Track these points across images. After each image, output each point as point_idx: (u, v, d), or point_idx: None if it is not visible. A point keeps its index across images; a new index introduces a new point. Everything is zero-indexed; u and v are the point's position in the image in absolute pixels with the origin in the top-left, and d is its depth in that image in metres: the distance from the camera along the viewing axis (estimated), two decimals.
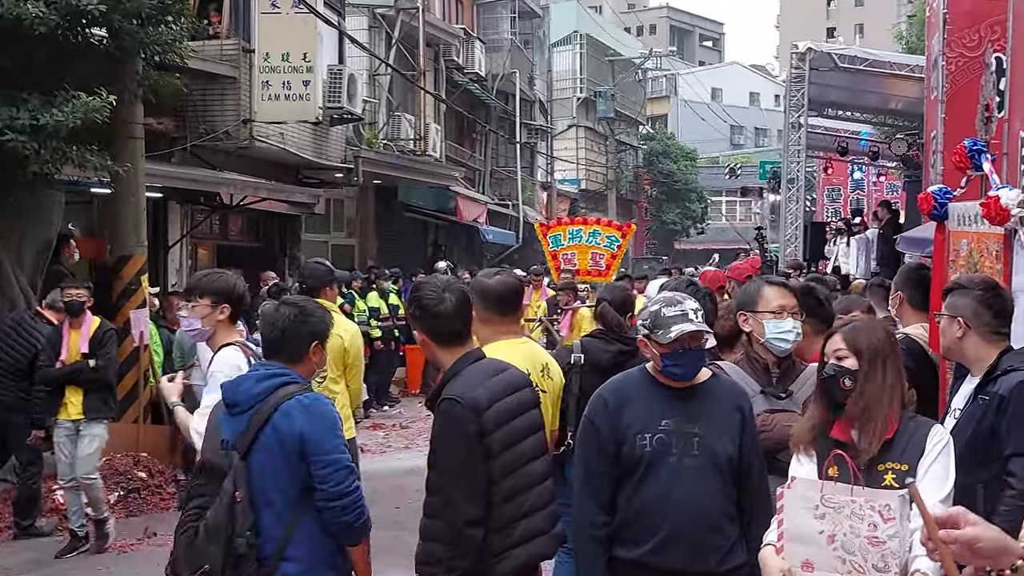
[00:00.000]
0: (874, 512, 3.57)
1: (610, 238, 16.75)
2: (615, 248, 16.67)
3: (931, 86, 12.62)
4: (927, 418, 4.21)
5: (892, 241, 15.84)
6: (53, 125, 9.76)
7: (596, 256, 16.54)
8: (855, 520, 3.58)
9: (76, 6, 9.88)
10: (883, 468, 3.92)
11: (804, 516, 3.65)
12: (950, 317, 4.73)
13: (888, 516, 3.56)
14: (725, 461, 4.40)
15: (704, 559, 4.36)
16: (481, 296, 5.21)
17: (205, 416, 4.98)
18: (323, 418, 4.54)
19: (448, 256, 29.64)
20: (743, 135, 74.22)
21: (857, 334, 4.11)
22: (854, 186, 34.79)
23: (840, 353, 4.07)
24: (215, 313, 5.64)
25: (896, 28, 37.53)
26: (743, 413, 4.52)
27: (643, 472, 4.42)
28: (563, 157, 47.70)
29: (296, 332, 4.68)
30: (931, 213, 6.42)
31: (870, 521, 3.56)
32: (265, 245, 21.02)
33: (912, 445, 3.95)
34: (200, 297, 5.67)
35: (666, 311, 4.43)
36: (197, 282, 5.86)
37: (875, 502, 3.59)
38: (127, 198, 12.46)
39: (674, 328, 4.36)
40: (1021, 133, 6.24)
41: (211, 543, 4.31)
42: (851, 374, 4.02)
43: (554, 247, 16.93)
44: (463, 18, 35.61)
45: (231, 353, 5.52)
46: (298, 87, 16.58)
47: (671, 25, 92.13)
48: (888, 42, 36.79)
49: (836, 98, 25.84)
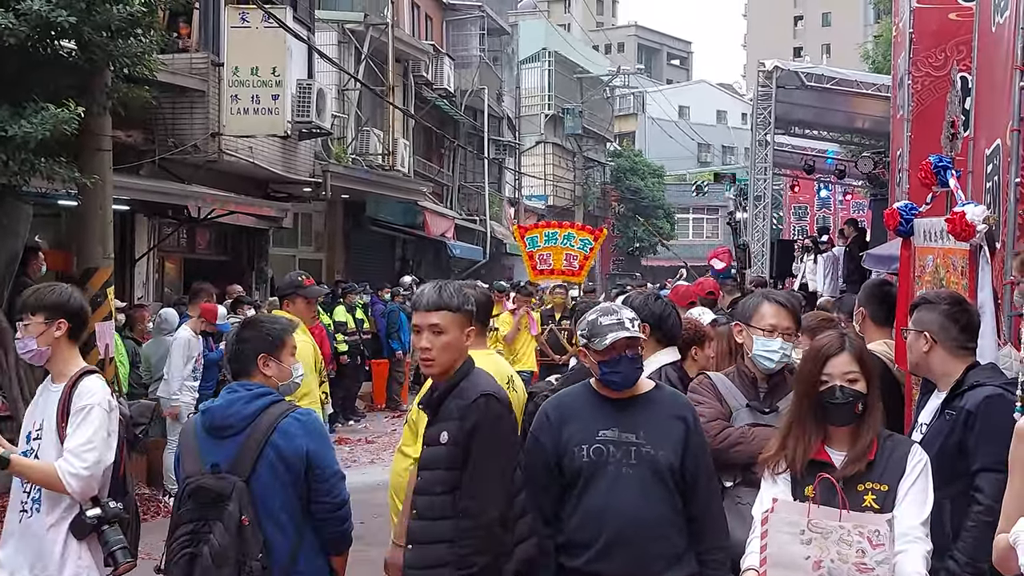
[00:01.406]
0: (863, 538, 3.54)
1: (583, 241, 17.80)
2: (587, 250, 17.71)
3: (897, 105, 12.76)
4: (903, 436, 4.19)
5: (858, 258, 15.96)
6: (22, 136, 9.69)
7: (570, 257, 17.57)
8: (842, 546, 3.55)
9: (46, 18, 9.82)
10: (863, 488, 3.89)
11: (789, 541, 3.62)
12: (917, 332, 4.76)
13: (877, 542, 3.53)
14: (667, 470, 4.43)
15: (647, 567, 4.39)
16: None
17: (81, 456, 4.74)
18: (320, 432, 4.62)
19: (415, 271, 29.64)
20: (710, 153, 74.51)
21: (863, 353, 4.04)
22: (820, 204, 35.00)
23: (852, 376, 3.96)
24: (51, 330, 5.02)
25: (863, 48, 37.81)
26: (687, 423, 4.54)
27: (583, 483, 4.51)
28: (531, 173, 47.80)
29: (240, 350, 4.70)
30: (897, 229, 6.48)
31: (858, 547, 3.54)
32: (233, 259, 20.94)
33: (892, 464, 3.91)
34: (32, 314, 5.03)
35: (603, 320, 4.52)
36: (27, 298, 5.15)
37: (864, 528, 3.56)
38: (94, 210, 12.39)
39: (609, 335, 4.44)
40: (986, 151, 6.32)
41: (221, 568, 4.29)
42: (864, 399, 3.95)
43: (530, 248, 17.92)
44: (432, 34, 35.67)
45: (96, 382, 5.02)
46: (267, 101, 16.55)
47: (639, 43, 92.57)
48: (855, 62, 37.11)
49: (803, 116, 25.98)
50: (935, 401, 4.78)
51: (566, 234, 18.10)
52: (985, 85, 6.85)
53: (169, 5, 12.78)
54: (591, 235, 18.36)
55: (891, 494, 3.83)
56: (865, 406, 3.93)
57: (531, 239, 18.16)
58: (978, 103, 7.06)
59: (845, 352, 3.99)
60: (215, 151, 16.54)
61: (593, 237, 18.29)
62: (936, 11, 11.08)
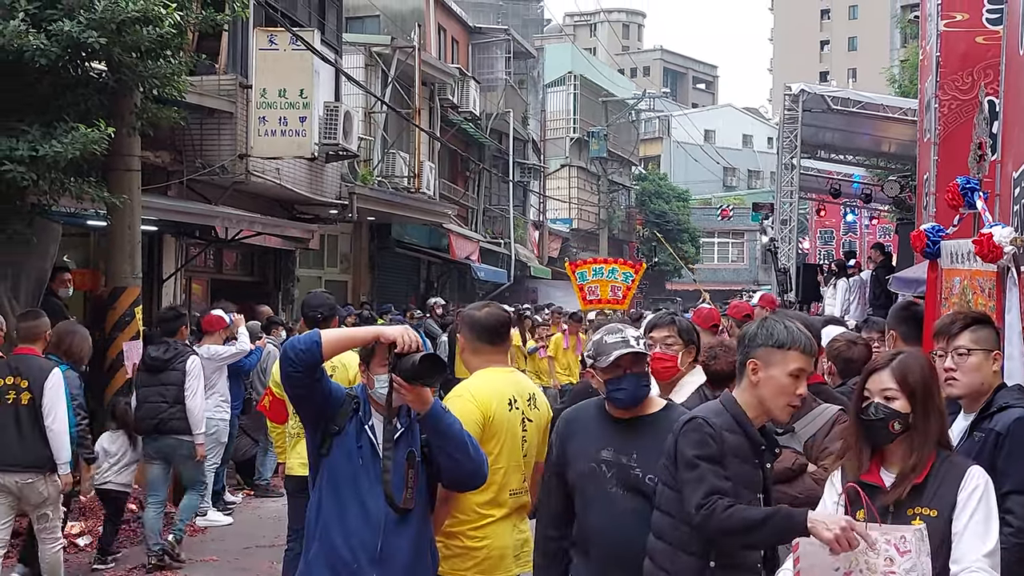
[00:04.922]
0: (889, 546, 3.49)
1: (625, 274, 20.32)
2: (629, 282, 20.15)
3: (924, 128, 12.74)
4: (963, 458, 3.96)
5: (885, 282, 15.92)
6: (52, 156, 9.78)
7: (615, 288, 19.99)
8: (871, 555, 3.50)
9: (77, 39, 9.93)
10: (912, 513, 3.74)
11: (819, 554, 3.57)
12: (986, 352, 4.64)
13: (904, 549, 3.48)
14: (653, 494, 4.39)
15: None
16: (471, 327, 5.38)
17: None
18: None
19: (440, 293, 29.66)
20: (736, 177, 74.45)
21: (907, 370, 3.85)
22: (847, 229, 34.93)
23: (889, 393, 3.82)
24: None
25: (888, 71, 37.73)
26: None
27: (579, 498, 4.65)
28: (556, 196, 47.87)
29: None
30: (924, 251, 6.47)
31: (886, 555, 3.49)
32: (259, 280, 21.02)
33: (944, 489, 3.74)
34: None
35: (608, 339, 4.59)
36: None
37: (890, 535, 3.51)
38: (123, 230, 12.49)
39: (614, 353, 4.51)
40: (1014, 174, 6.30)
41: None
42: (901, 417, 3.80)
43: (580, 281, 20.39)
44: (459, 58, 35.80)
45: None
46: (294, 123, 16.60)
47: (665, 67, 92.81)
48: (881, 87, 37.02)
49: (829, 140, 25.95)
50: (961, 423, 4.70)
51: (611, 268, 20.45)
52: (1013, 108, 6.82)
53: (198, 27, 12.85)
54: (632, 269, 20.66)
55: (940, 520, 3.69)
56: (908, 426, 3.79)
57: (581, 274, 20.53)
58: (1006, 126, 7.02)
59: (887, 370, 3.87)
60: (242, 172, 16.60)
61: (634, 271, 20.55)
62: (964, 35, 11.07)
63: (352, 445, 4.47)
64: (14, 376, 8.30)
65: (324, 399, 4.46)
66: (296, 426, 7.72)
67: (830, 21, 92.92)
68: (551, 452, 4.85)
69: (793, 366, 4.08)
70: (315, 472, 4.55)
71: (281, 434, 8.31)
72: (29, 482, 8.21)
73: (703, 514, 3.88)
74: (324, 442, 4.50)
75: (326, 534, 4.46)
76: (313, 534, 4.52)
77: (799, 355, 4.09)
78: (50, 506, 8.39)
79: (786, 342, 4.09)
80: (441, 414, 4.45)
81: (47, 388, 8.27)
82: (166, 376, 10.17)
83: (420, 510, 4.52)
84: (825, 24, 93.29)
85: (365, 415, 4.52)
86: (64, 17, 9.96)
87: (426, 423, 4.42)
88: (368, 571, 4.39)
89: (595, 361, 4.59)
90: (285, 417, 8.01)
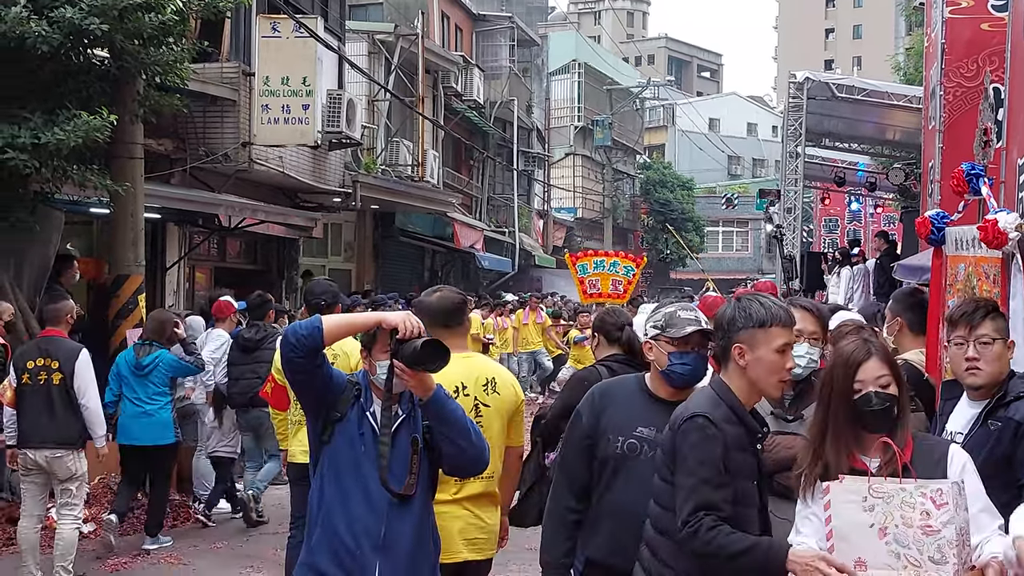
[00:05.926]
0: (925, 499, 3.45)
1: (627, 268, 19.68)
2: (630, 276, 19.62)
3: (929, 116, 12.69)
4: (936, 437, 4.14)
5: (889, 270, 15.89)
6: (54, 144, 9.78)
7: (616, 282, 19.45)
8: (906, 509, 3.47)
9: (78, 25, 9.91)
10: None
11: (852, 511, 3.55)
12: (1004, 340, 4.59)
13: (940, 501, 3.43)
14: None
15: None
16: (425, 312, 5.27)
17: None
18: None
19: (445, 281, 29.63)
20: (740, 165, 74.34)
21: (889, 355, 3.92)
22: (851, 217, 34.89)
23: (883, 380, 3.81)
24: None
25: (894, 59, 37.63)
26: None
27: (610, 473, 4.59)
28: (560, 185, 47.83)
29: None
30: (928, 237, 6.42)
31: (922, 509, 3.45)
32: (263, 268, 21.02)
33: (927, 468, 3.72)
34: None
35: (682, 313, 4.60)
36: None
37: (926, 488, 3.47)
38: (126, 218, 12.47)
39: (688, 327, 4.51)
40: (1019, 161, 6.27)
41: None
42: (898, 402, 3.82)
43: (581, 274, 19.77)
44: (462, 46, 35.76)
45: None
46: (297, 111, 16.58)
47: (669, 56, 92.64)
48: (886, 74, 36.90)
49: (833, 128, 25.90)
50: (970, 410, 4.62)
51: (612, 261, 19.78)
52: (1018, 95, 6.78)
53: (201, 14, 12.83)
54: (633, 262, 20.03)
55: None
56: (900, 410, 3.82)
57: (582, 266, 19.86)
58: (1011, 113, 6.98)
59: (874, 357, 3.85)
60: (245, 160, 16.59)
61: (635, 264, 19.95)
62: (969, 21, 11.03)
63: (354, 431, 4.43)
64: (44, 358, 8.79)
65: (325, 385, 4.43)
66: (297, 413, 7.70)
67: (835, 9, 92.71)
68: (579, 423, 4.73)
69: (778, 342, 4.05)
70: (316, 459, 4.53)
71: (283, 421, 8.30)
72: (58, 456, 8.67)
73: (687, 531, 3.86)
74: (326, 429, 4.47)
75: (328, 520, 4.43)
76: (315, 520, 4.48)
77: (781, 329, 4.07)
78: (76, 482, 8.82)
79: (766, 320, 4.06)
80: (444, 400, 4.42)
81: (78, 368, 8.80)
82: (259, 355, 10.72)
83: (422, 496, 4.49)
84: (830, 12, 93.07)
85: (367, 401, 4.49)
86: (66, 4, 9.96)
87: (428, 409, 4.39)
88: (371, 557, 4.36)
89: (663, 332, 4.56)
90: (287, 404, 7.99)
